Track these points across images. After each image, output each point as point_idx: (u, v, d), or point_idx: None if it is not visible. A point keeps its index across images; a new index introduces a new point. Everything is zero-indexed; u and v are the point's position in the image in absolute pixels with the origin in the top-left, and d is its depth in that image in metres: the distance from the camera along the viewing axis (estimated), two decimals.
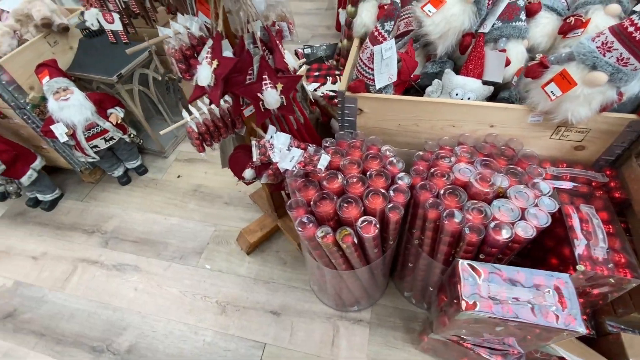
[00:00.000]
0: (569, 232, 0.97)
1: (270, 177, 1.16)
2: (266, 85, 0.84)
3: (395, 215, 0.96)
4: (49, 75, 1.66)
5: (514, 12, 1.16)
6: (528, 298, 0.85)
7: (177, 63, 0.91)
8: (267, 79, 0.84)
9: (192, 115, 1.12)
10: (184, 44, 0.91)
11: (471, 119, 1.11)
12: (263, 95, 0.85)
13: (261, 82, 0.84)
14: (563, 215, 0.99)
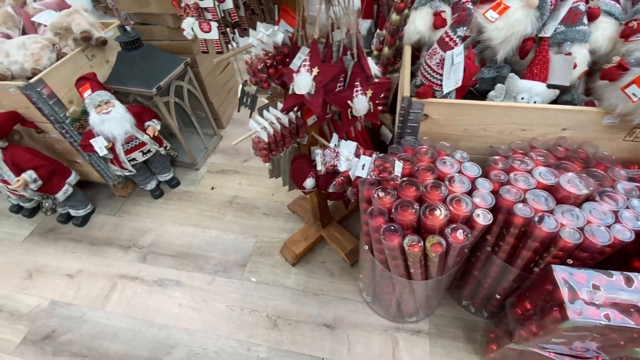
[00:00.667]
0: None
1: (339, 186, 1.14)
2: (357, 92, 0.83)
3: (481, 223, 0.94)
4: (91, 89, 1.64)
5: (577, 16, 1.17)
6: (632, 302, 0.82)
7: (258, 72, 0.89)
8: (358, 86, 0.82)
9: (262, 125, 1.10)
10: (265, 53, 0.89)
11: (543, 123, 1.10)
12: (353, 102, 0.84)
13: (352, 89, 0.82)
14: None
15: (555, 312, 0.86)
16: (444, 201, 0.98)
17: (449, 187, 1.00)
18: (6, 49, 1.58)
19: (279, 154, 1.20)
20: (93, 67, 1.81)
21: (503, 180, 1.03)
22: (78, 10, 1.72)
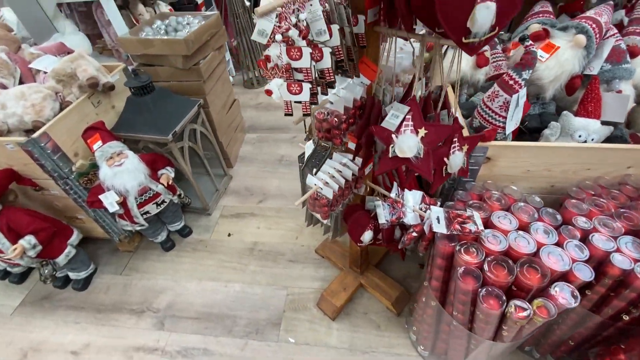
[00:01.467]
0: None
1: (409, 241, 1.04)
2: (455, 148, 0.76)
3: (582, 279, 0.87)
4: (102, 140, 1.49)
5: (621, 55, 1.19)
6: None
7: (333, 129, 0.80)
8: (456, 142, 0.75)
9: (323, 181, 0.99)
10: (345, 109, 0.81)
11: (609, 162, 1.08)
12: (450, 159, 0.76)
13: (450, 145, 0.75)
14: None
15: None
16: (534, 255, 0.91)
17: (536, 239, 0.94)
18: (2, 101, 1.41)
19: (337, 208, 1.09)
20: (99, 115, 1.66)
21: (588, 227, 0.97)
22: (82, 55, 1.58)
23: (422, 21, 0.63)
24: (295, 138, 2.67)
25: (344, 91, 0.76)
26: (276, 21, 0.58)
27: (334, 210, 1.09)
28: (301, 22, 0.61)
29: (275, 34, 0.59)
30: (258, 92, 3.30)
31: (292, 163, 2.43)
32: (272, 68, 0.67)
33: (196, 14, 2.05)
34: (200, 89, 1.96)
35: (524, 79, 1.02)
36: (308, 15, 0.61)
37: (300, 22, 0.61)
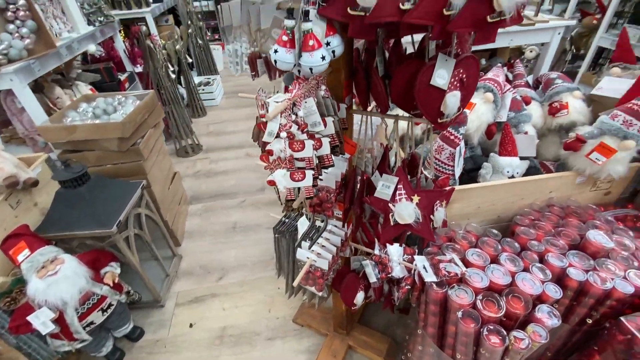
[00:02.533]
0: None
1: (404, 294, 1.07)
2: (437, 205, 0.84)
3: (553, 297, 1.00)
4: (29, 248, 1.25)
5: (519, 104, 1.51)
6: None
7: (324, 203, 0.83)
8: (438, 201, 0.84)
9: (316, 252, 0.99)
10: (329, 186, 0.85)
11: (537, 190, 1.31)
12: (434, 215, 0.84)
13: (433, 204, 0.83)
14: None
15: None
16: (511, 285, 1.02)
17: (508, 269, 1.06)
18: None
19: (330, 276, 1.08)
20: (19, 217, 1.40)
21: (541, 249, 1.14)
22: None
23: (399, 107, 0.73)
24: (244, 202, 2.60)
25: (333, 168, 0.80)
26: (281, 121, 0.61)
27: (327, 279, 1.07)
28: (299, 118, 0.65)
29: (280, 131, 0.62)
30: (194, 160, 3.18)
31: (246, 229, 2.34)
32: (274, 161, 0.68)
33: (128, 94, 1.97)
34: (140, 169, 1.82)
35: (461, 134, 1.22)
36: (304, 111, 0.66)
37: (299, 118, 0.65)
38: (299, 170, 0.68)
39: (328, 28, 0.61)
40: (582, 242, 1.14)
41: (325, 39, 0.62)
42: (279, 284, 1.93)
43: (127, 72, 2.77)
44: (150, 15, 3.14)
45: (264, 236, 2.27)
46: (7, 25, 1.60)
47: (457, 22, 0.56)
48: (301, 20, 0.58)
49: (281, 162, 0.67)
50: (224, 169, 3.01)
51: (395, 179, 0.78)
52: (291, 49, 0.61)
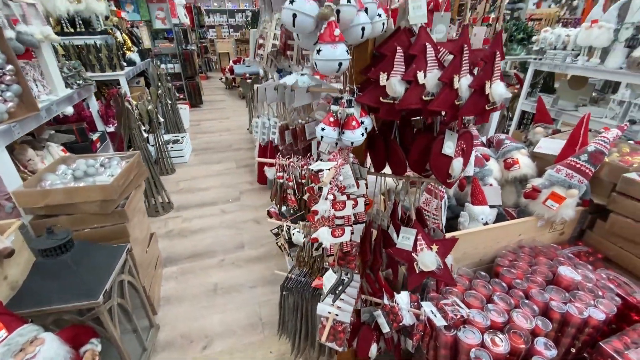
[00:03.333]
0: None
1: (418, 341, 1.12)
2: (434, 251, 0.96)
3: (544, 327, 1.13)
4: (6, 328, 1.11)
5: (481, 161, 1.78)
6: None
7: (346, 256, 0.91)
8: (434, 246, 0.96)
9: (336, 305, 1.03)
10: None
11: (510, 234, 1.51)
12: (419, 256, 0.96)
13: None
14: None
15: None
16: (509, 322, 1.13)
17: (502, 307, 1.18)
18: None
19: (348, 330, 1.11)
20: None
21: (524, 287, 1.29)
22: None
23: (412, 170, 0.88)
24: (223, 261, 2.52)
25: (358, 225, 0.89)
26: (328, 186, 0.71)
27: (347, 333, 1.10)
28: (340, 182, 0.75)
29: (328, 194, 0.71)
30: (165, 219, 3.06)
31: (229, 290, 2.25)
32: (319, 220, 0.76)
33: (111, 155, 1.94)
34: (123, 232, 1.74)
35: (443, 188, 1.41)
36: (343, 176, 0.76)
37: (339, 182, 0.75)
38: (338, 228, 0.76)
39: (362, 111, 0.76)
40: (555, 278, 1.32)
41: (360, 119, 0.76)
42: (272, 348, 1.84)
43: (99, 132, 2.72)
44: (124, 78, 3.20)
45: (249, 296, 2.19)
46: None
47: (465, 109, 0.73)
48: (345, 106, 0.72)
49: (324, 221, 0.75)
50: (199, 227, 2.93)
51: (413, 231, 0.89)
52: (336, 127, 0.73)
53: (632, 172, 1.45)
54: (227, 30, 12.65)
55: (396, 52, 0.69)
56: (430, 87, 0.70)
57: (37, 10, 2.02)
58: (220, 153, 4.51)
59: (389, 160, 0.88)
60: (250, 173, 3.93)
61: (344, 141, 0.73)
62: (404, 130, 0.86)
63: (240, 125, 5.62)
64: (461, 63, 0.69)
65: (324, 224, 0.75)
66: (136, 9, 5.75)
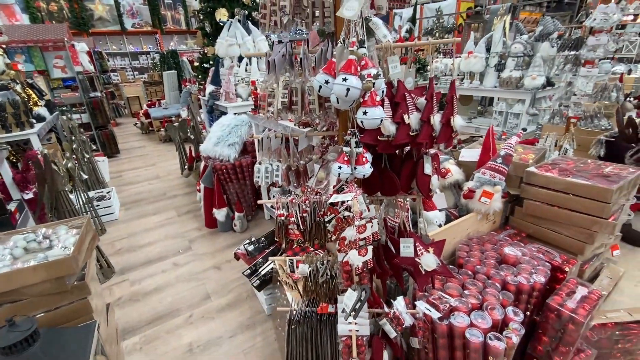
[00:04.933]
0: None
1: (422, 335, 1.28)
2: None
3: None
4: None
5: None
6: None
7: (362, 272, 1.04)
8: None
9: (354, 323, 1.12)
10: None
11: (460, 230, 1.82)
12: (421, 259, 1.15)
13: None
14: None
15: None
16: (483, 302, 1.38)
17: (476, 291, 1.43)
18: None
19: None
20: None
21: (484, 270, 1.57)
22: None
23: (402, 190, 1.07)
24: (191, 317, 2.35)
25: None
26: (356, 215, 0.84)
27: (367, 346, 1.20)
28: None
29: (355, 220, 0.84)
30: (109, 287, 2.71)
31: (206, 346, 2.11)
32: (347, 245, 0.87)
33: (56, 224, 1.73)
34: (85, 307, 1.55)
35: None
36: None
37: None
38: (363, 248, 0.89)
39: (364, 148, 0.93)
40: (503, 257, 1.64)
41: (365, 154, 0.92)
42: None
43: (15, 200, 2.34)
44: (36, 136, 2.82)
45: (230, 347, 2.10)
46: None
47: (440, 139, 0.96)
48: (355, 147, 0.87)
49: (352, 244, 0.87)
50: (153, 287, 2.68)
51: (411, 240, 1.07)
52: (349, 164, 0.88)
53: (531, 166, 1.92)
54: (132, 74, 11.93)
55: (384, 101, 0.89)
56: (414, 125, 0.91)
57: None
58: (154, 203, 4.20)
59: (382, 185, 1.05)
60: (195, 219, 3.75)
61: (357, 174, 0.88)
62: (392, 160, 1.05)
63: (170, 170, 5.32)
64: (433, 106, 0.92)
65: (352, 247, 0.87)
66: (28, 58, 5.13)
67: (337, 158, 0.89)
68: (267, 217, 3.67)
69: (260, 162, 1.08)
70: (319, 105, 0.92)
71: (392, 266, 1.07)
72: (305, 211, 1.10)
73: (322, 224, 1.09)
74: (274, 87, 0.93)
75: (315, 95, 0.92)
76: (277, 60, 0.94)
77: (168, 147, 6.65)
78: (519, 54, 3.52)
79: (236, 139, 3.44)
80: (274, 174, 1.07)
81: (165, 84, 8.25)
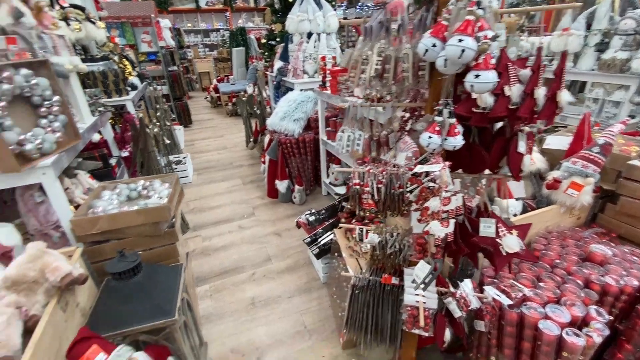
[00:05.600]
0: None
1: (490, 320, 1.26)
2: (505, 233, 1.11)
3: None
4: (104, 351, 1.14)
5: None
6: None
7: (439, 248, 1.04)
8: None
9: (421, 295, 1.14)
10: None
11: (540, 221, 1.69)
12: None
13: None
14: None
15: None
16: (561, 296, 1.29)
17: (551, 285, 1.34)
18: None
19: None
20: (68, 321, 1.26)
21: (564, 265, 1.46)
22: (44, 250, 1.27)
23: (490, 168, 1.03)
24: (254, 275, 2.56)
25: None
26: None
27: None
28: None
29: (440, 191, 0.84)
30: (185, 240, 3.05)
31: (267, 302, 2.29)
32: (430, 215, 0.88)
33: (153, 178, 1.98)
34: (173, 251, 1.78)
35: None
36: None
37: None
38: (445, 221, 0.89)
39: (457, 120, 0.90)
40: (588, 255, 1.50)
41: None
42: (323, 353, 1.91)
43: (115, 157, 2.71)
44: (130, 102, 3.21)
45: (289, 306, 2.25)
46: (40, 120, 1.58)
47: (541, 114, 0.89)
48: (447, 117, 0.86)
49: (435, 215, 0.87)
50: (221, 244, 2.95)
51: (493, 220, 1.03)
52: (439, 135, 0.87)
53: (634, 159, 1.69)
54: (203, 50, 12.65)
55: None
56: (515, 98, 0.86)
57: (65, 41, 2.05)
58: (222, 171, 4.54)
59: (470, 161, 1.02)
60: (257, 188, 3.99)
61: (447, 146, 0.86)
62: (482, 135, 1.01)
63: (236, 142, 5.66)
64: (538, 78, 0.85)
65: (434, 218, 0.88)
66: (121, 33, 5.73)
67: (427, 128, 0.88)
68: (325, 192, 3.76)
69: (343, 130, 1.11)
70: (413, 75, 0.91)
71: (467, 245, 1.05)
72: (381, 182, 1.11)
73: (397, 196, 1.10)
74: (367, 54, 0.94)
75: (409, 63, 0.91)
76: (374, 26, 0.94)
77: (234, 121, 7.05)
78: (630, 32, 3.02)
79: (301, 115, 3.53)
80: (355, 142, 1.09)
81: (233, 61, 8.65)
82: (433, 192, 0.86)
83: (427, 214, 0.89)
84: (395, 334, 1.41)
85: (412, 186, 0.92)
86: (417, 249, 1.07)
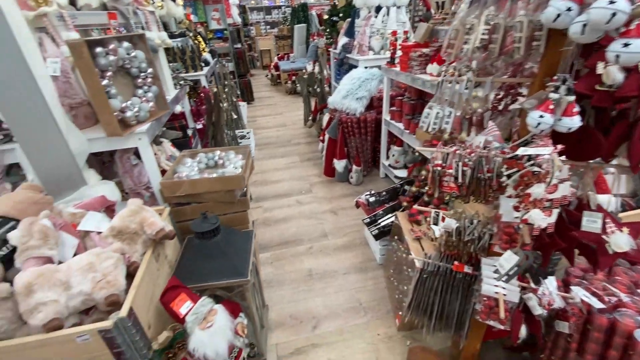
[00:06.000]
0: None
1: (575, 322, 1.16)
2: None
3: None
4: (191, 299, 1.27)
5: None
6: None
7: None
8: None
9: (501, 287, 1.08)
10: None
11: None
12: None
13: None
14: None
15: None
16: None
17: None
18: (64, 279, 1.12)
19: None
20: (160, 270, 1.43)
21: None
22: (142, 207, 1.43)
23: (605, 155, 0.91)
24: (311, 248, 2.64)
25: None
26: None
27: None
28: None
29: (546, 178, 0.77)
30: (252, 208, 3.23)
31: (323, 276, 2.36)
32: (531, 202, 0.82)
33: (228, 149, 2.10)
34: (244, 218, 1.90)
35: None
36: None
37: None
38: (547, 210, 0.81)
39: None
40: None
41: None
42: (378, 331, 1.94)
43: (191, 128, 2.93)
44: (204, 77, 3.41)
45: (344, 282, 2.30)
46: (137, 90, 1.75)
47: None
48: (564, 94, 0.76)
49: (537, 203, 0.81)
50: (281, 217, 3.08)
51: (599, 215, 0.93)
52: (552, 114, 0.78)
53: None
54: (265, 28, 12.83)
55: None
56: None
57: (155, 17, 2.21)
58: (281, 147, 4.68)
59: (580, 146, 0.91)
60: (314, 166, 4.05)
61: (559, 127, 0.78)
62: (599, 117, 0.89)
63: (295, 120, 5.76)
64: None
65: (536, 206, 0.81)
66: (194, 11, 6.02)
67: (538, 106, 0.79)
68: (382, 175, 3.69)
69: (431, 107, 1.05)
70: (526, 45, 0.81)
71: (564, 238, 0.96)
72: (467, 165, 1.05)
73: (485, 181, 1.02)
74: (473, 22, 0.86)
75: (524, 32, 0.81)
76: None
77: (293, 99, 7.15)
78: None
79: (365, 93, 3.44)
80: (444, 120, 1.03)
81: (295, 38, 8.66)
82: (539, 178, 0.78)
83: (528, 201, 0.82)
84: (461, 323, 1.37)
85: (511, 170, 0.85)
86: (503, 238, 1.00)
